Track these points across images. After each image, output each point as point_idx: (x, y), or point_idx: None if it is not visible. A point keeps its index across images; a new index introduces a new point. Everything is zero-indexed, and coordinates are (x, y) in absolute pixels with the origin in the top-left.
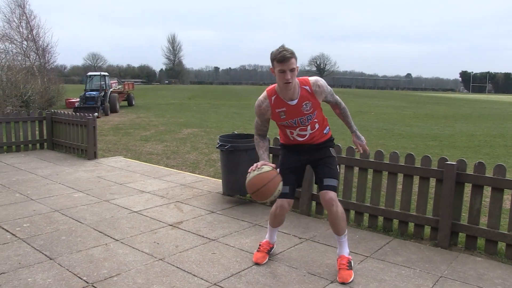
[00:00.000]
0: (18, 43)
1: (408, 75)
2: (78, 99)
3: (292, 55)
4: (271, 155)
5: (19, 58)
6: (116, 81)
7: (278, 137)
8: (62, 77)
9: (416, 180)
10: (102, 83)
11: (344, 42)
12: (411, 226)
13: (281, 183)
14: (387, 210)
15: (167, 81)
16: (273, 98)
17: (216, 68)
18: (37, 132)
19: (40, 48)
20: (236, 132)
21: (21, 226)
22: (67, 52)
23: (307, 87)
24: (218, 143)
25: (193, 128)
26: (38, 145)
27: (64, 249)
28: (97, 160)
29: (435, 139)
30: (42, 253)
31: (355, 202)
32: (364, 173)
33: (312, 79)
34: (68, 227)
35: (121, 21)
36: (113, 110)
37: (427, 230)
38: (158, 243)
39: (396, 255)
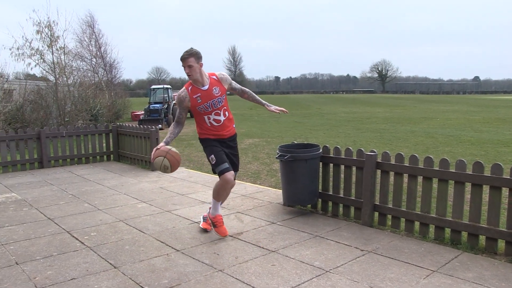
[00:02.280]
0: (88, 60)
1: (476, 78)
2: (143, 112)
3: (189, 55)
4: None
5: (89, 74)
6: None
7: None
8: (127, 91)
9: (486, 189)
10: (165, 95)
11: (405, 46)
12: (482, 239)
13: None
14: (454, 221)
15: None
16: (189, 88)
17: (277, 78)
18: (104, 145)
19: (108, 64)
20: (295, 142)
21: (89, 234)
22: (133, 67)
23: (214, 77)
24: (278, 153)
25: (255, 138)
26: (105, 156)
27: (127, 258)
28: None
29: (507, 145)
30: (107, 261)
31: (419, 212)
32: (429, 183)
33: (217, 72)
34: (132, 237)
35: (183, 34)
36: None
37: (501, 244)
38: (218, 254)
39: (466, 270)
